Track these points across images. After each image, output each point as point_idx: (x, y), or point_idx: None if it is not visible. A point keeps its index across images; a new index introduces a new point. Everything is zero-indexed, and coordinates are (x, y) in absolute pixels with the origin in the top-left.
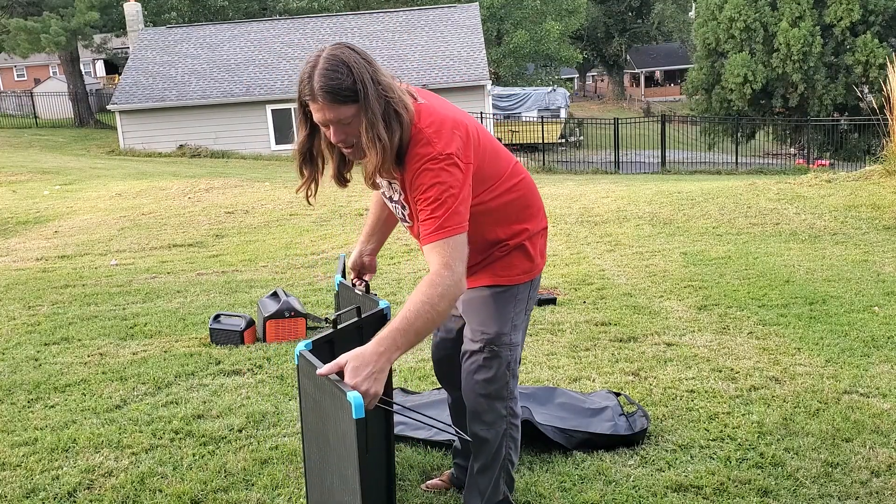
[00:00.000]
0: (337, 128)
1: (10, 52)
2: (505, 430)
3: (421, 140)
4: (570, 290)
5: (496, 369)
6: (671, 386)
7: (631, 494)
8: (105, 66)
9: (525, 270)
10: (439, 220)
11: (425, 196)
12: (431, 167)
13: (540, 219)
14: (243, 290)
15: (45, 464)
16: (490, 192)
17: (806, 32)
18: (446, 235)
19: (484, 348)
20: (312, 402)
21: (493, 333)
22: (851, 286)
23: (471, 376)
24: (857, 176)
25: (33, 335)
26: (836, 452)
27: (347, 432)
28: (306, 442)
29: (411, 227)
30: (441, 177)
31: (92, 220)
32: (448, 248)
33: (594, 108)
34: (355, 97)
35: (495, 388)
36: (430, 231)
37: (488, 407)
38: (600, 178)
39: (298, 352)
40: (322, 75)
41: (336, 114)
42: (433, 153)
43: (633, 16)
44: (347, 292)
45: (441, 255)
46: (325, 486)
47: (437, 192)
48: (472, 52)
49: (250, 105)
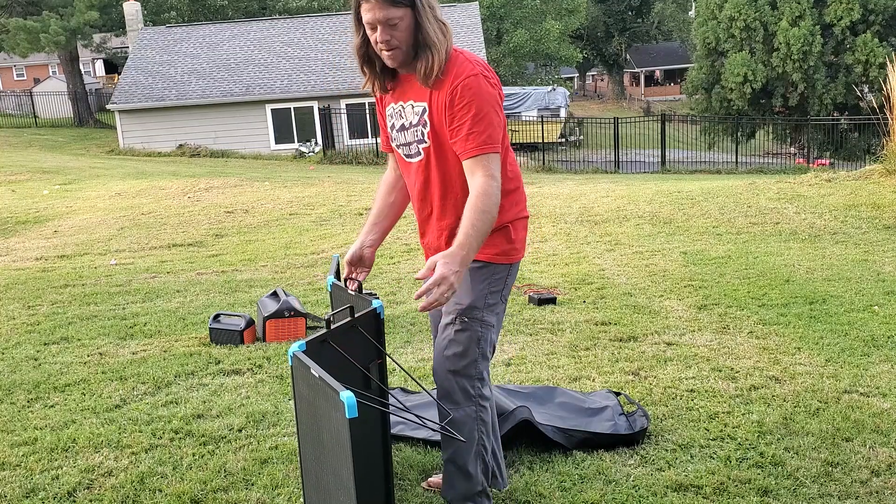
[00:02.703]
0: (384, 28)
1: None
2: (476, 413)
3: (462, 61)
4: (570, 289)
5: (466, 344)
6: (671, 385)
7: (631, 494)
8: (104, 65)
9: (504, 251)
10: (482, 136)
11: (467, 109)
12: (474, 83)
13: (524, 209)
14: (243, 289)
15: (45, 463)
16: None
17: (806, 32)
18: (489, 151)
19: (455, 320)
20: (306, 404)
21: (465, 305)
22: (851, 285)
23: (441, 352)
24: (857, 175)
25: (33, 335)
26: (836, 452)
27: (341, 431)
28: (302, 443)
29: (427, 147)
30: (483, 93)
31: (91, 220)
32: (490, 162)
33: (594, 108)
34: (407, 0)
35: (464, 365)
36: (475, 145)
37: (457, 385)
38: (600, 177)
39: (292, 353)
40: None
41: (386, 13)
42: (476, 70)
43: (633, 15)
44: (340, 293)
45: (485, 168)
46: (322, 486)
47: (479, 105)
48: (471, 51)
49: (250, 104)
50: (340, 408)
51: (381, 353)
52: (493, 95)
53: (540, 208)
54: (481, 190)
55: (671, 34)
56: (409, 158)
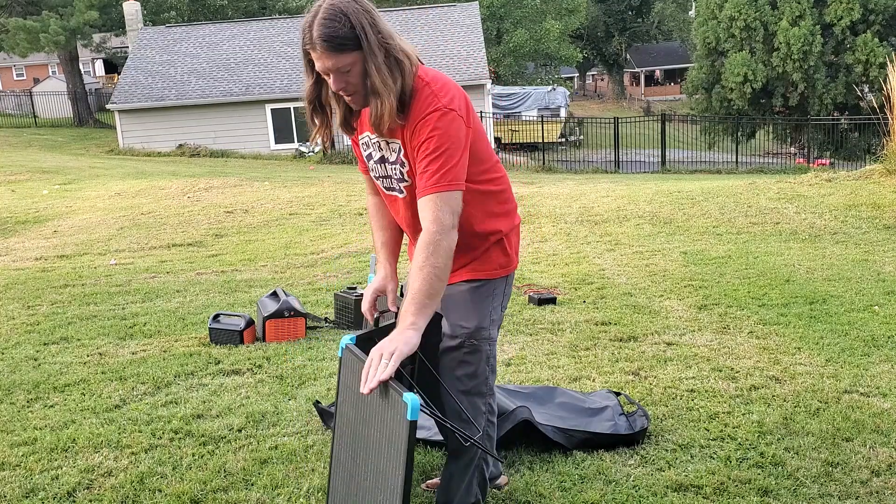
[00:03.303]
0: (337, 76)
1: (9, 51)
2: (483, 430)
3: (426, 92)
4: (570, 289)
5: (476, 365)
6: (671, 385)
7: (631, 494)
8: (104, 65)
9: (502, 265)
10: (437, 174)
11: (426, 146)
12: (435, 117)
13: (515, 217)
14: (243, 289)
15: (45, 464)
16: (481, 174)
17: (806, 31)
18: (441, 190)
19: (464, 343)
20: (354, 397)
21: (472, 327)
22: (852, 285)
23: (451, 373)
24: (857, 175)
25: (32, 335)
26: (836, 452)
27: (397, 432)
28: (338, 435)
29: (409, 186)
30: (443, 128)
31: (91, 220)
32: (441, 203)
33: (594, 108)
34: (354, 45)
35: (475, 384)
36: (427, 184)
37: (469, 404)
38: (600, 177)
39: (344, 344)
40: (320, 24)
41: (335, 62)
42: (438, 104)
43: (633, 15)
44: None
45: (432, 210)
46: (356, 482)
47: (438, 142)
48: (471, 51)
49: (250, 104)
50: (401, 409)
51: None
52: (457, 129)
53: (540, 208)
54: (422, 241)
55: (671, 34)
56: (389, 192)
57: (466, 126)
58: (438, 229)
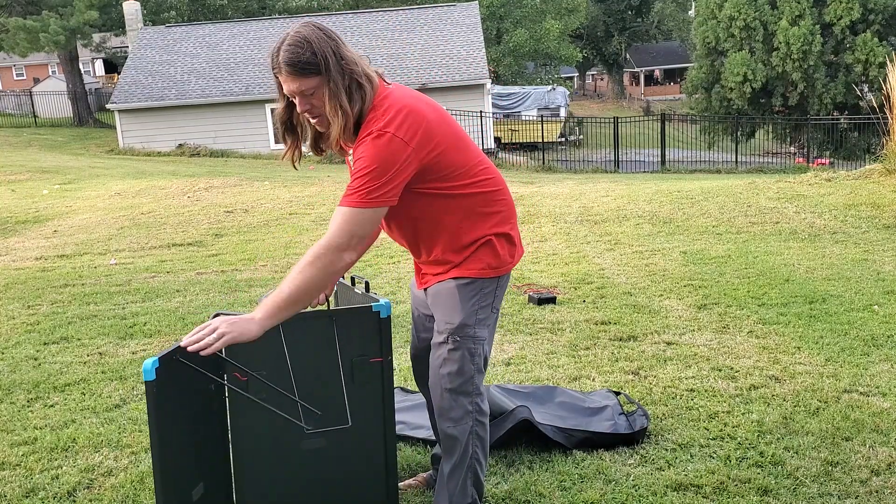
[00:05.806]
0: (301, 98)
1: (9, 51)
2: (472, 428)
3: (372, 116)
4: (569, 289)
5: (461, 362)
6: (671, 385)
7: (631, 493)
8: (104, 65)
9: (490, 265)
10: (356, 191)
11: (356, 165)
12: (369, 140)
13: (509, 219)
14: (243, 289)
15: (45, 463)
16: (456, 178)
17: (806, 31)
18: (352, 205)
19: (448, 339)
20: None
21: (456, 324)
22: (851, 285)
23: (437, 371)
24: (856, 175)
25: (32, 334)
26: (835, 451)
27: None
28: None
29: None
30: (371, 151)
31: (91, 220)
32: (345, 220)
33: (594, 107)
34: (317, 70)
35: (460, 383)
36: (344, 196)
37: (454, 403)
38: (600, 176)
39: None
40: (286, 50)
41: (298, 85)
42: (373, 129)
43: (632, 14)
44: (346, 291)
45: (335, 225)
46: None
47: (365, 162)
48: (471, 50)
49: (249, 104)
50: None
51: (383, 353)
52: (390, 152)
53: (540, 208)
54: (314, 252)
55: (671, 34)
56: None
57: (405, 143)
58: (329, 245)
